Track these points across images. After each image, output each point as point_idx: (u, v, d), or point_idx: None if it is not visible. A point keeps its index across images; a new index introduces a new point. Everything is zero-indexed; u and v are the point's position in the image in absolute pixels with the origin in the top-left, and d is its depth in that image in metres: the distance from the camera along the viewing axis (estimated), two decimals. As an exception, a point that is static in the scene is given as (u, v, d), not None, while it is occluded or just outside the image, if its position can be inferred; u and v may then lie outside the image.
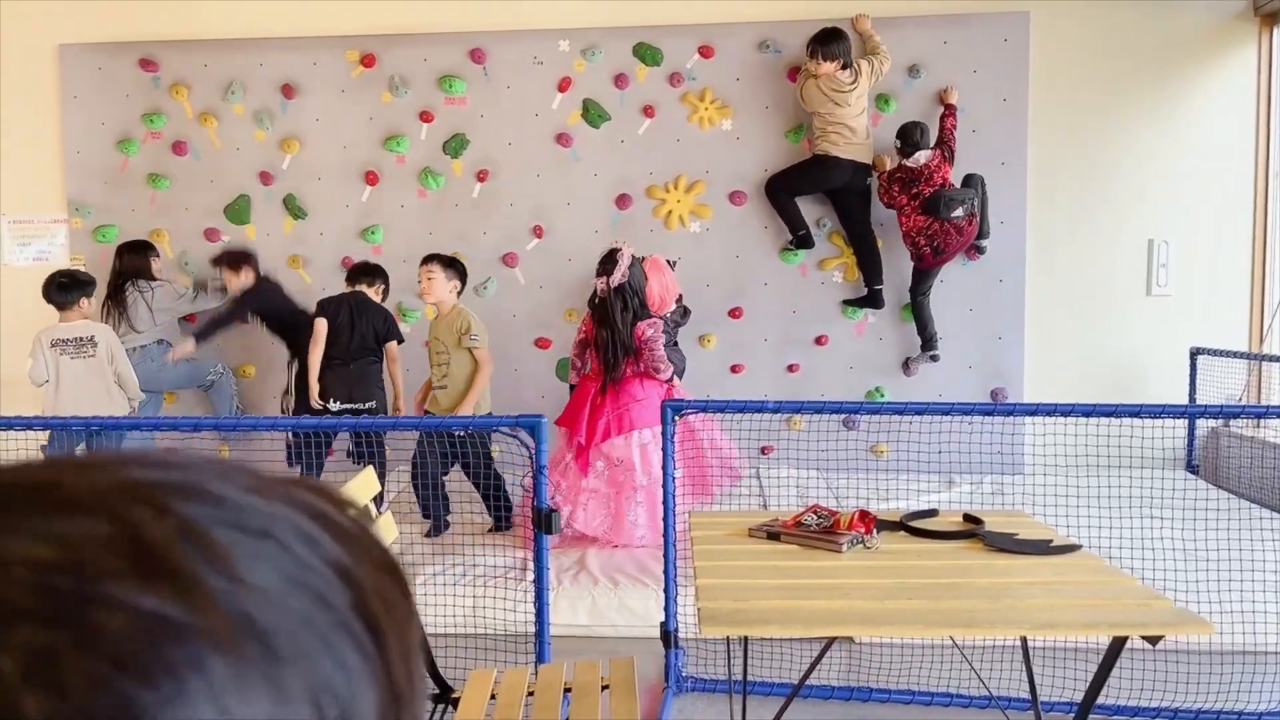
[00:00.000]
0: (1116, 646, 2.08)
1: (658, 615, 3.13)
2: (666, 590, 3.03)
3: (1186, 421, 5.25)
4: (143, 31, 5.67)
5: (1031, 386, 5.41)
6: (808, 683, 2.86)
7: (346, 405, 4.55)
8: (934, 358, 5.27)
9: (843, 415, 5.15)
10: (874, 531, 2.44)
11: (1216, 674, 3.02)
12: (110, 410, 4.49)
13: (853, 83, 5.06)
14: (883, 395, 5.43)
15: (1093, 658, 2.35)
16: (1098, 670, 2.16)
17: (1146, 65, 5.43)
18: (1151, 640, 2.00)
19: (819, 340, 5.48)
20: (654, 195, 5.52)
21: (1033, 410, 2.97)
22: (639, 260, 4.33)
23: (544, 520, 2.81)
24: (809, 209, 5.38)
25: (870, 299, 5.37)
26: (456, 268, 4.52)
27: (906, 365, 5.40)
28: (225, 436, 5.03)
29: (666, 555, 3.03)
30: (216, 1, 5.64)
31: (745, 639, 2.64)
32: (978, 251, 5.31)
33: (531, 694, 2.31)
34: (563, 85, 5.49)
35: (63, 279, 4.67)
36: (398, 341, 4.76)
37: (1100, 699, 2.24)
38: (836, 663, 3.26)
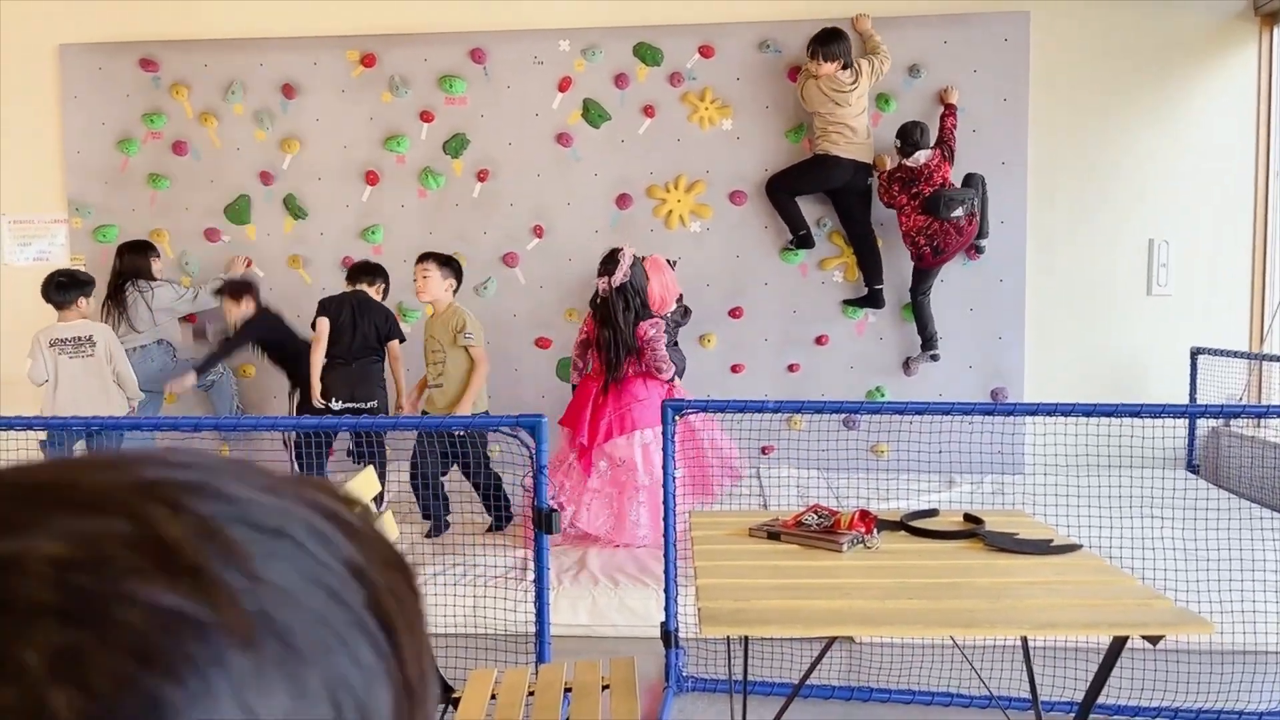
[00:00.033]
0: (1117, 646, 2.08)
1: (658, 615, 3.13)
2: (667, 590, 3.03)
3: (1187, 421, 5.25)
4: (143, 31, 5.67)
5: (1032, 386, 5.41)
6: (808, 683, 2.86)
7: (348, 405, 4.55)
8: (934, 357, 5.27)
9: (843, 415, 5.15)
10: (874, 531, 2.44)
11: (1217, 674, 3.01)
12: (108, 410, 4.49)
13: (853, 82, 5.06)
14: (883, 395, 5.42)
15: (1093, 657, 2.35)
16: (1098, 670, 2.16)
17: (1147, 65, 5.43)
18: (1152, 640, 2.00)
19: (819, 340, 5.48)
20: (654, 195, 5.52)
21: (1033, 410, 2.97)
22: (640, 260, 4.33)
23: (544, 520, 2.81)
24: (809, 208, 5.38)
25: (870, 299, 5.36)
26: (452, 266, 4.52)
27: (907, 365, 5.40)
28: (225, 436, 5.03)
29: (667, 555, 3.03)
30: (217, 1, 5.64)
31: (746, 639, 2.64)
32: (977, 251, 5.31)
33: (532, 694, 2.31)
34: (563, 85, 5.49)
35: (61, 278, 4.67)
36: (399, 340, 4.76)
37: (1101, 699, 2.24)
38: (837, 663, 3.26)
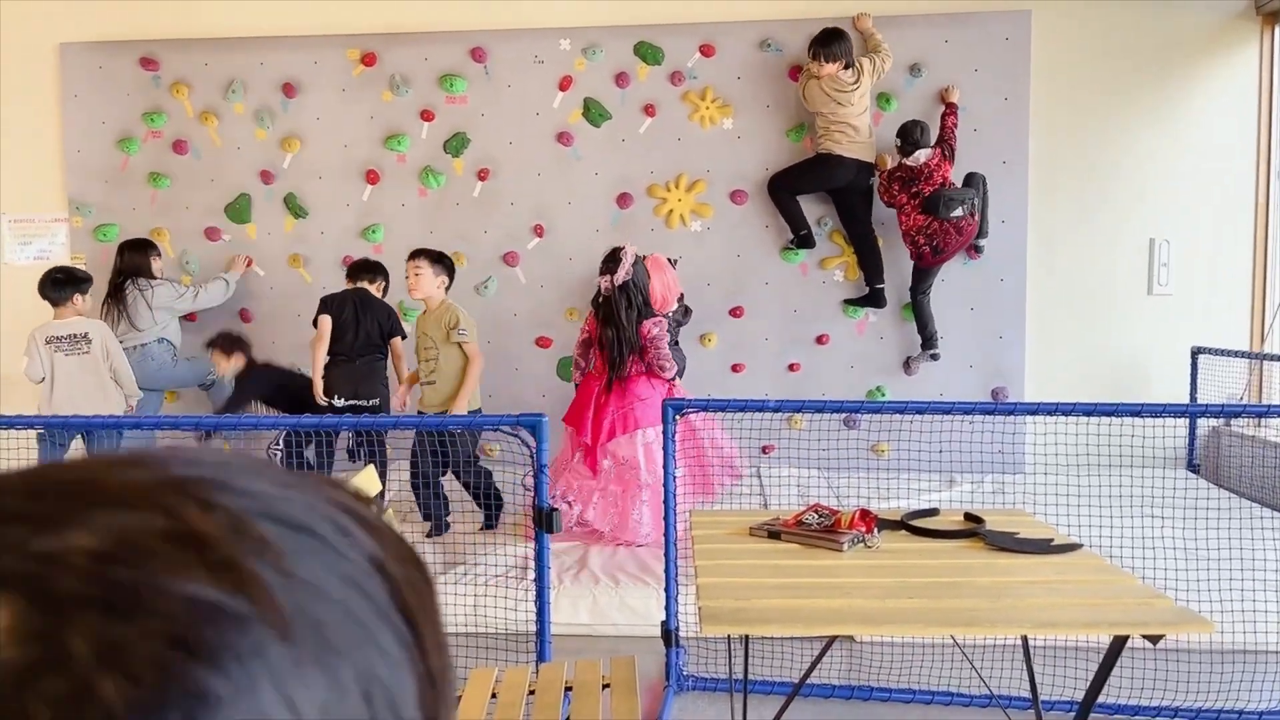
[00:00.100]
0: (1117, 645, 2.08)
1: (659, 614, 3.13)
2: (667, 589, 3.03)
3: (1187, 421, 5.24)
4: (143, 30, 5.67)
5: (1032, 386, 5.41)
6: (808, 682, 2.86)
7: (351, 402, 4.55)
8: (934, 357, 5.26)
9: (843, 414, 5.15)
10: (875, 530, 2.44)
11: (1217, 673, 3.01)
12: (105, 408, 4.48)
13: (855, 82, 5.05)
14: (883, 394, 5.42)
15: (1093, 657, 2.35)
16: (1098, 669, 2.16)
17: (1147, 65, 5.43)
18: (1152, 639, 2.00)
19: (820, 339, 5.48)
20: (655, 194, 5.52)
21: (1033, 409, 2.96)
22: (641, 259, 4.33)
23: (545, 519, 2.81)
24: (810, 208, 5.38)
25: (871, 298, 5.36)
26: (444, 263, 4.50)
27: (907, 364, 5.40)
28: (225, 436, 5.02)
29: (667, 554, 3.03)
30: (217, 1, 5.64)
31: (746, 638, 2.63)
32: (976, 251, 5.30)
33: (532, 693, 2.31)
34: (564, 84, 5.49)
35: (58, 275, 4.66)
36: (402, 338, 4.77)
37: (1101, 698, 2.24)
38: (837, 662, 3.26)
